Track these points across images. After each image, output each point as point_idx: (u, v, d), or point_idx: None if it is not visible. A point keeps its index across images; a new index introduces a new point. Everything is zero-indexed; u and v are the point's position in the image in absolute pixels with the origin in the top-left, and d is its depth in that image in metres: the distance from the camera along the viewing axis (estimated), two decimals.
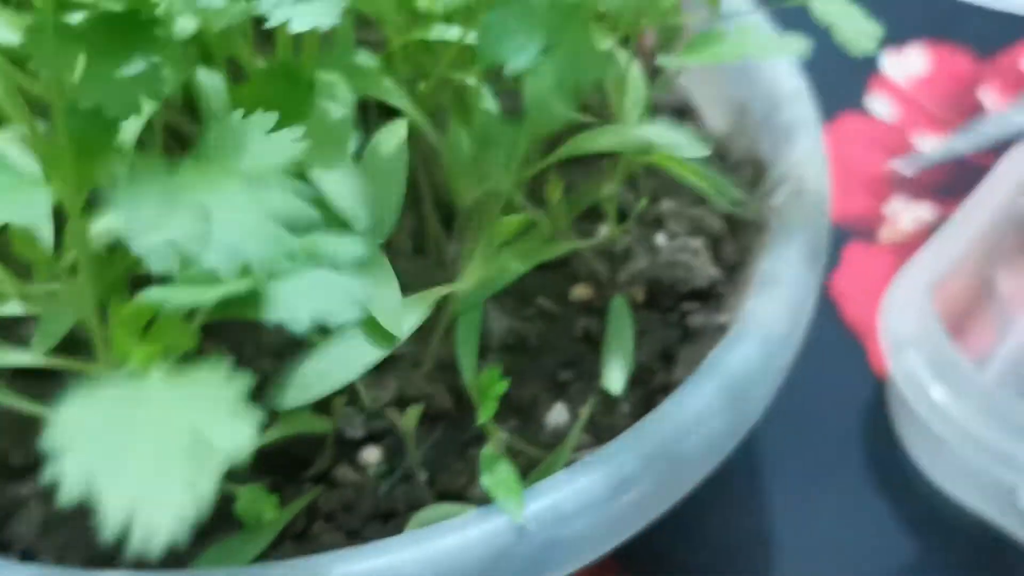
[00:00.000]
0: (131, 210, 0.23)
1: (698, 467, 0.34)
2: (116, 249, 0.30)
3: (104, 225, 0.29)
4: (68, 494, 0.20)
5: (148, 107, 0.30)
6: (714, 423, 0.34)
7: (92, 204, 0.28)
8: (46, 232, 0.30)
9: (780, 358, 0.36)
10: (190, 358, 0.27)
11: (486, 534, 0.30)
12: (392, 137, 0.34)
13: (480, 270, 0.33)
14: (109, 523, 0.19)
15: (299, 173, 0.29)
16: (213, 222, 0.23)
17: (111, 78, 0.26)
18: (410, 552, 0.30)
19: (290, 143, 0.25)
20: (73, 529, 0.34)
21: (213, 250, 0.22)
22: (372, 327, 0.30)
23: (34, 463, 0.35)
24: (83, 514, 0.33)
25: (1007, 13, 0.76)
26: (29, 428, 0.36)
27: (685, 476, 0.34)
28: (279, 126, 0.31)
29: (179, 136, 0.41)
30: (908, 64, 0.72)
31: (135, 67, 0.26)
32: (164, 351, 0.25)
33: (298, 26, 0.27)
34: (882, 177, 0.64)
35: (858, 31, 0.34)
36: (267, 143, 0.25)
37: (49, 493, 0.34)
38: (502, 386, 0.32)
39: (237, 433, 0.21)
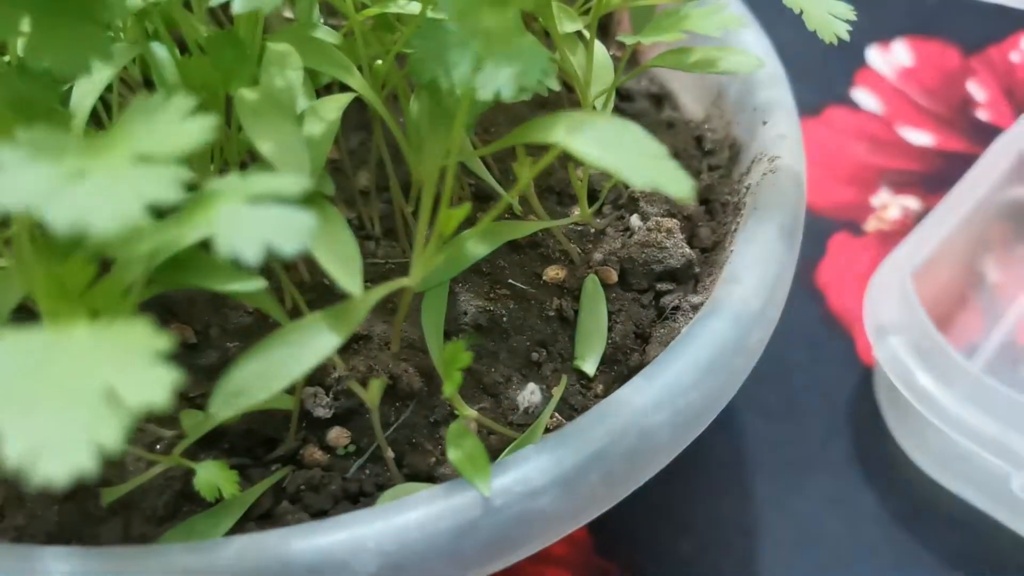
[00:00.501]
0: (15, 171, 0.22)
1: (669, 444, 0.33)
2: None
3: None
4: None
5: (102, 74, 0.29)
6: (686, 399, 0.33)
7: None
8: None
9: (755, 334, 0.35)
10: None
11: (453, 508, 0.30)
12: (329, 109, 0.34)
13: (426, 265, 0.32)
14: (12, 461, 0.19)
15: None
16: (75, 189, 0.22)
17: (60, 39, 0.26)
18: (375, 526, 0.29)
19: (199, 130, 0.24)
20: (29, 510, 0.33)
21: (58, 209, 0.22)
22: (330, 315, 0.30)
23: None
24: (38, 496, 0.33)
25: (993, 6, 0.76)
26: None
27: (656, 452, 0.33)
28: (229, 85, 0.31)
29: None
30: (894, 57, 0.72)
31: (83, 28, 0.26)
32: (96, 312, 0.25)
33: (239, 7, 0.26)
34: (868, 168, 0.64)
35: (830, 15, 0.33)
36: (176, 126, 0.24)
37: (5, 478, 0.34)
38: (466, 358, 0.31)
39: (150, 388, 0.21)
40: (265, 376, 0.29)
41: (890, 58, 0.71)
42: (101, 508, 0.33)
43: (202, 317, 0.38)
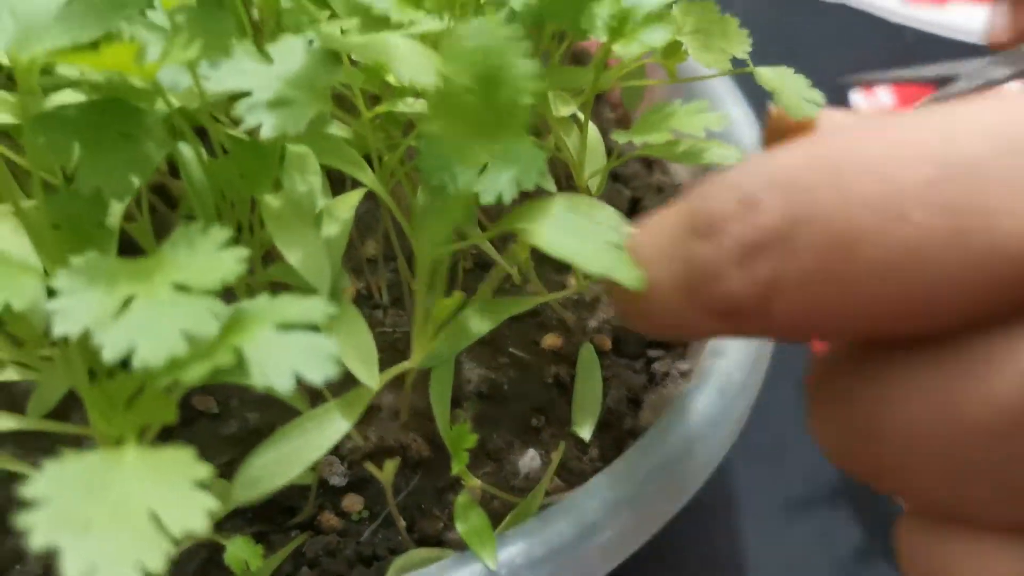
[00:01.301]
0: (68, 297, 0.25)
1: (661, 512, 0.36)
2: None
3: None
4: (35, 543, 0.22)
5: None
6: (677, 470, 0.36)
7: None
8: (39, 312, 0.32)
9: (738, 405, 0.38)
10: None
11: None
12: (343, 210, 0.36)
13: (425, 347, 0.35)
14: None
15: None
16: (125, 318, 0.25)
17: (106, 163, 0.28)
18: None
19: (232, 263, 0.26)
20: None
21: (109, 338, 0.24)
22: (342, 403, 0.32)
23: None
24: None
25: (968, 45, 0.78)
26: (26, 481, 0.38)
27: (649, 521, 0.36)
28: (254, 189, 0.34)
29: (163, 191, 0.44)
30: (877, 100, 0.74)
31: (127, 151, 0.29)
32: (145, 423, 0.27)
33: (267, 132, 0.29)
34: None
35: (800, 98, 0.36)
36: (212, 258, 0.27)
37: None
38: (471, 439, 0.34)
39: (191, 516, 0.23)
40: (284, 462, 0.32)
41: (873, 100, 0.74)
42: None
43: (224, 388, 0.40)
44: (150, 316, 0.25)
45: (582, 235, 0.31)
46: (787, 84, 0.36)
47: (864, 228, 0.24)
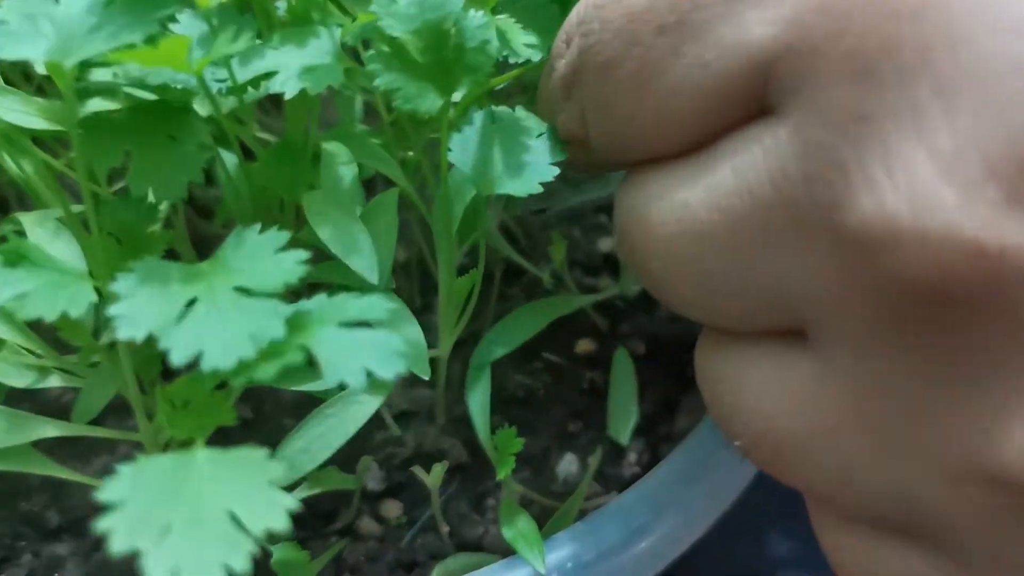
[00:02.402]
0: (130, 302, 0.25)
1: (706, 515, 0.36)
2: None
3: None
4: (115, 547, 0.22)
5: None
6: (720, 472, 0.36)
7: None
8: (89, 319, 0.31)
9: None
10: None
11: None
12: (385, 204, 0.36)
13: (452, 335, 0.35)
14: None
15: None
16: (189, 321, 0.25)
17: (156, 164, 0.28)
18: None
19: (293, 265, 0.26)
20: None
21: (175, 340, 0.24)
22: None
23: (70, 523, 0.37)
24: (119, 571, 0.35)
25: None
26: (64, 491, 0.37)
27: (696, 523, 0.36)
28: (291, 190, 0.34)
29: (192, 201, 0.43)
30: None
31: (174, 152, 0.28)
32: (205, 425, 0.27)
33: (290, 93, 0.30)
34: None
35: None
36: (273, 261, 0.27)
37: (87, 552, 0.36)
38: (518, 444, 0.33)
39: (271, 515, 0.23)
40: (310, 450, 0.32)
41: None
42: None
43: (258, 394, 0.40)
44: (215, 319, 0.25)
45: None
46: None
47: (613, 54, 0.26)
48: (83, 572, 0.36)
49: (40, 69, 0.35)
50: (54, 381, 0.33)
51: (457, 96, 0.31)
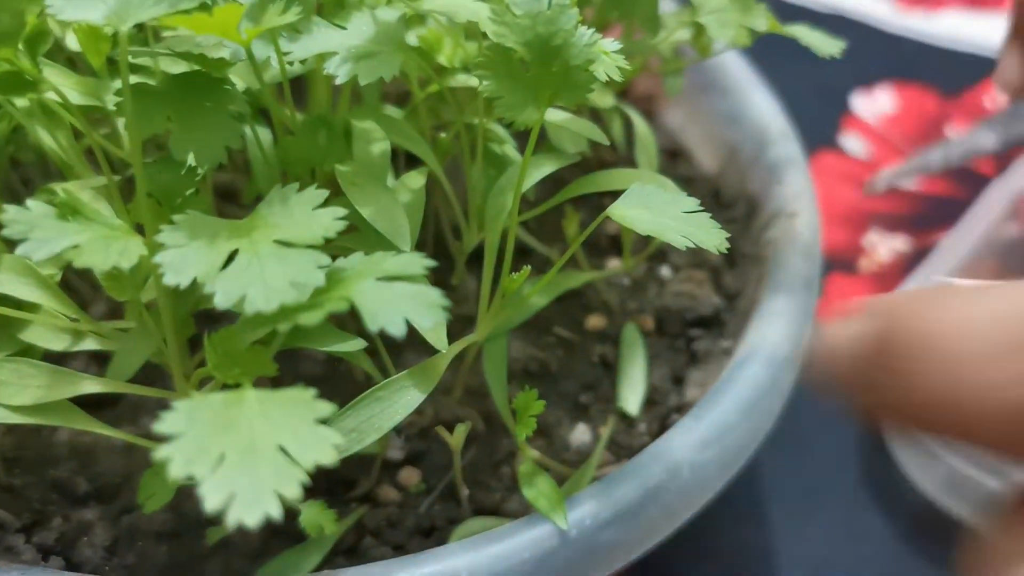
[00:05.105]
0: (177, 251, 0.26)
1: (718, 477, 0.37)
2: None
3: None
4: (173, 474, 0.23)
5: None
6: (731, 436, 0.37)
7: None
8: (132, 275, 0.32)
9: (785, 378, 0.39)
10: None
11: (533, 539, 0.33)
12: (415, 180, 0.37)
13: (492, 322, 0.36)
14: (208, 506, 0.23)
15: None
16: (232, 269, 0.26)
17: (198, 130, 0.29)
18: (466, 557, 0.33)
19: (329, 220, 0.28)
20: (140, 550, 0.36)
21: (220, 285, 0.25)
22: (414, 374, 0.33)
23: (97, 490, 0.38)
24: (148, 535, 0.36)
25: (968, 53, 0.80)
26: (91, 456, 0.38)
27: (706, 485, 0.37)
28: (325, 162, 0.35)
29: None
30: (877, 104, 0.76)
31: (215, 119, 0.29)
32: (249, 373, 0.28)
33: (365, 78, 0.30)
34: (858, 210, 0.68)
35: (822, 40, 0.39)
36: (310, 217, 0.28)
37: (115, 517, 0.37)
38: (539, 406, 0.34)
39: (319, 449, 0.24)
40: (359, 430, 0.33)
41: (873, 104, 0.76)
42: (204, 546, 0.36)
43: (282, 368, 0.41)
44: (258, 267, 0.26)
45: (656, 207, 0.32)
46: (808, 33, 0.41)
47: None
48: (111, 535, 0.36)
49: (73, 45, 0.36)
50: (89, 344, 0.34)
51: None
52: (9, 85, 0.30)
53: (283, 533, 0.36)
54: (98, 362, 0.41)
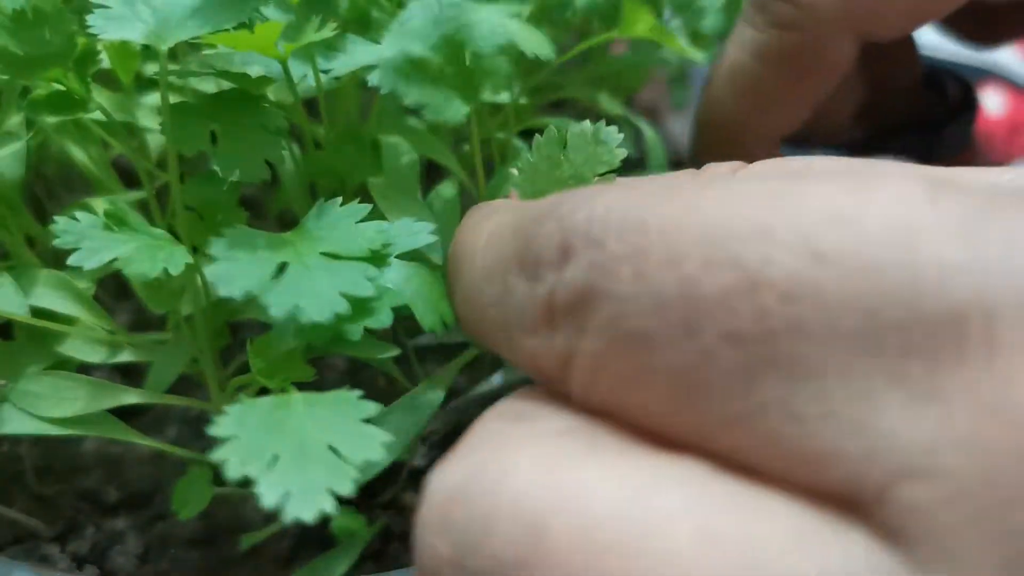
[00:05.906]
0: (228, 263, 0.27)
1: None
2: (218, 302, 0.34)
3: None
4: (230, 474, 0.24)
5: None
6: None
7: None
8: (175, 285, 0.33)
9: None
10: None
11: None
12: (448, 190, 0.38)
13: None
14: (264, 504, 0.24)
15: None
16: (284, 281, 0.27)
17: (241, 147, 0.30)
18: None
19: (374, 233, 0.29)
20: (172, 556, 0.37)
21: (273, 297, 0.26)
22: (430, 382, 0.34)
23: (126, 499, 0.38)
24: (179, 543, 0.37)
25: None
26: (121, 466, 0.39)
27: None
28: (355, 176, 0.36)
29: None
30: None
31: (257, 136, 0.30)
32: (290, 379, 0.29)
33: (452, 118, 0.32)
34: None
35: None
36: (354, 231, 0.29)
37: (144, 526, 0.37)
38: None
39: (368, 447, 0.25)
40: (400, 432, 0.33)
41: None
42: (236, 552, 0.37)
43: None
44: (308, 279, 0.27)
45: None
46: None
47: (649, 331, 0.20)
48: (143, 544, 0.37)
49: (105, 62, 0.37)
50: (124, 356, 0.34)
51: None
52: (59, 105, 0.31)
53: (312, 541, 0.37)
54: (120, 373, 0.42)
